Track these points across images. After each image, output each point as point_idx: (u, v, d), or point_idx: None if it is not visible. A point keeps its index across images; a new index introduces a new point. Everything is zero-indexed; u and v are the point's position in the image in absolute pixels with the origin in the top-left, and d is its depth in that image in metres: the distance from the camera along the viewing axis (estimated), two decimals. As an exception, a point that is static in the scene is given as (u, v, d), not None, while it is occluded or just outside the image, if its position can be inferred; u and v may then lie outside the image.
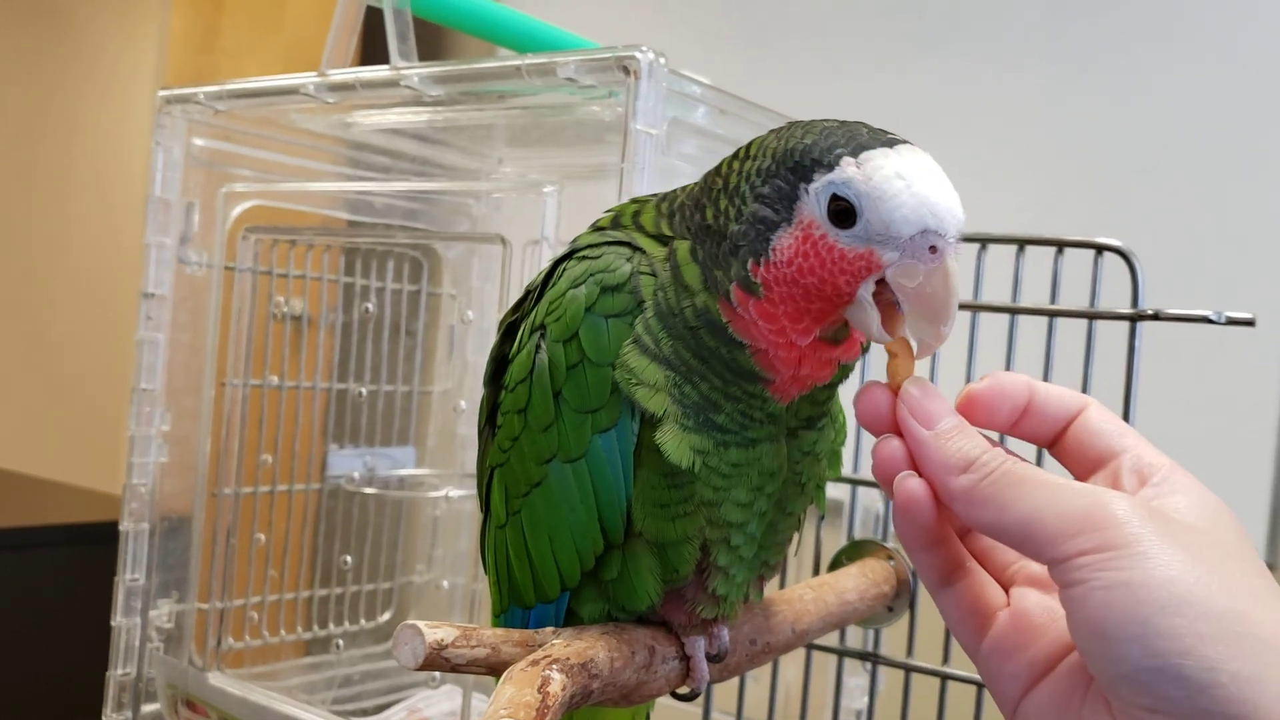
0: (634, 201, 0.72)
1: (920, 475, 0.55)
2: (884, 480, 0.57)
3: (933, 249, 0.57)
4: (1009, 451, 0.55)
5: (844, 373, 0.68)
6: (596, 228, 0.73)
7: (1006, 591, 0.59)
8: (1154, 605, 0.45)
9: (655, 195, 0.72)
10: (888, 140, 0.60)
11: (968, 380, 1.03)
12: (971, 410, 0.57)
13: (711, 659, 0.76)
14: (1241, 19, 2.00)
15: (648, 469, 0.66)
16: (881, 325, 0.60)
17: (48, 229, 4.00)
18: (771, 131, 0.65)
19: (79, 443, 3.71)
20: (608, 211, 0.73)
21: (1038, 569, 0.58)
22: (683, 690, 0.75)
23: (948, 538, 0.58)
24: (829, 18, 2.42)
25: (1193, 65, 2.03)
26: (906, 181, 0.58)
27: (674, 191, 0.70)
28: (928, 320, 0.58)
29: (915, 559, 0.58)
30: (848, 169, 0.58)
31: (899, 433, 0.57)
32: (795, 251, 0.60)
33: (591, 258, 0.67)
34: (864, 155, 0.59)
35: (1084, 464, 0.57)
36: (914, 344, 0.60)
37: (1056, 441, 0.58)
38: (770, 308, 0.61)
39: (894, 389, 0.58)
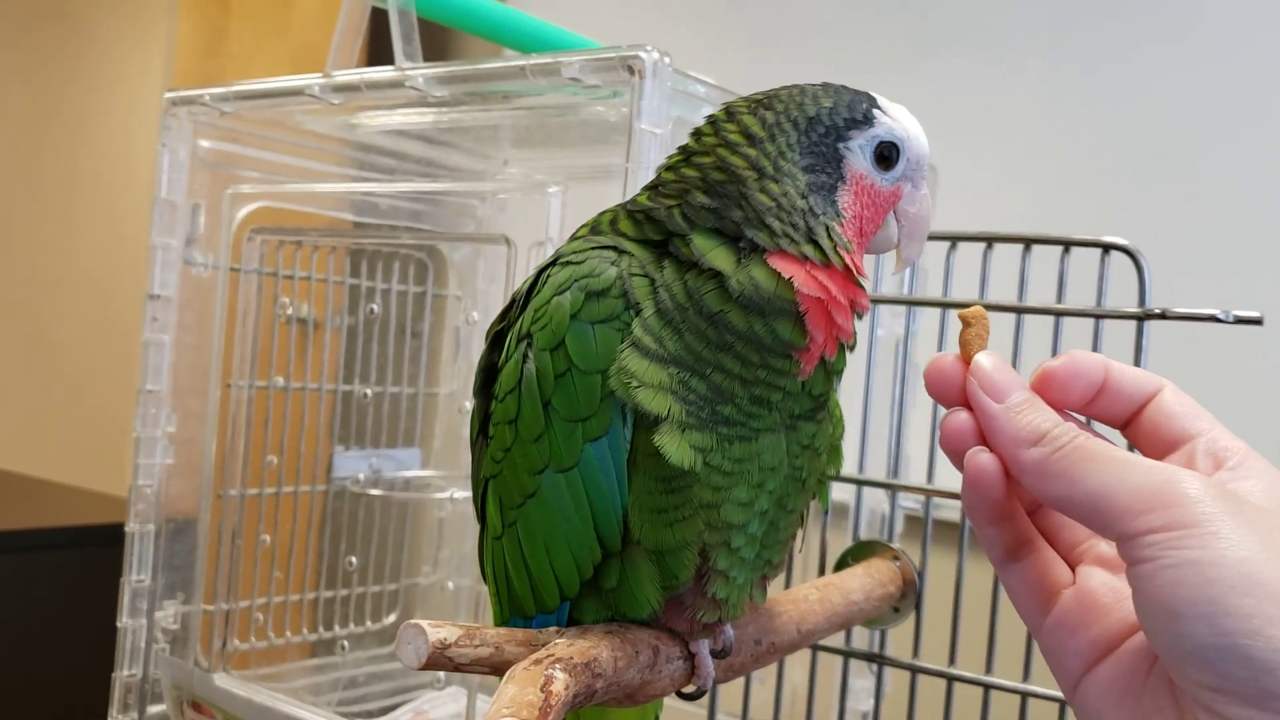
0: (606, 212, 0.73)
1: (989, 449, 0.55)
2: (952, 454, 0.57)
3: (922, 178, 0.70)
4: (1082, 426, 0.54)
5: (851, 347, 0.70)
6: (574, 238, 0.73)
7: (1073, 570, 0.58)
8: (1224, 585, 0.45)
9: (618, 205, 0.72)
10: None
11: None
12: (1046, 388, 0.56)
13: (716, 654, 0.76)
14: (1249, 18, 1.99)
15: (643, 475, 0.66)
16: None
17: (53, 232, 4.01)
18: (747, 114, 0.68)
19: (83, 445, 3.72)
20: (583, 225, 0.73)
21: (1106, 549, 0.58)
22: (688, 689, 0.75)
23: (1015, 513, 0.58)
24: (832, 18, 2.42)
25: (1199, 64, 2.03)
26: (915, 121, 0.69)
27: (635, 199, 0.71)
28: (918, 238, 0.72)
29: (982, 533, 0.58)
30: (884, 120, 0.68)
31: (968, 405, 0.56)
32: (860, 204, 0.68)
33: (576, 263, 0.67)
34: (883, 105, 0.68)
35: (1158, 446, 0.56)
36: (900, 259, 0.72)
37: (1130, 423, 0.57)
38: (857, 259, 0.67)
39: (965, 360, 0.57)
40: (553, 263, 0.70)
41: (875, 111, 0.68)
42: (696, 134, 0.70)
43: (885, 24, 2.35)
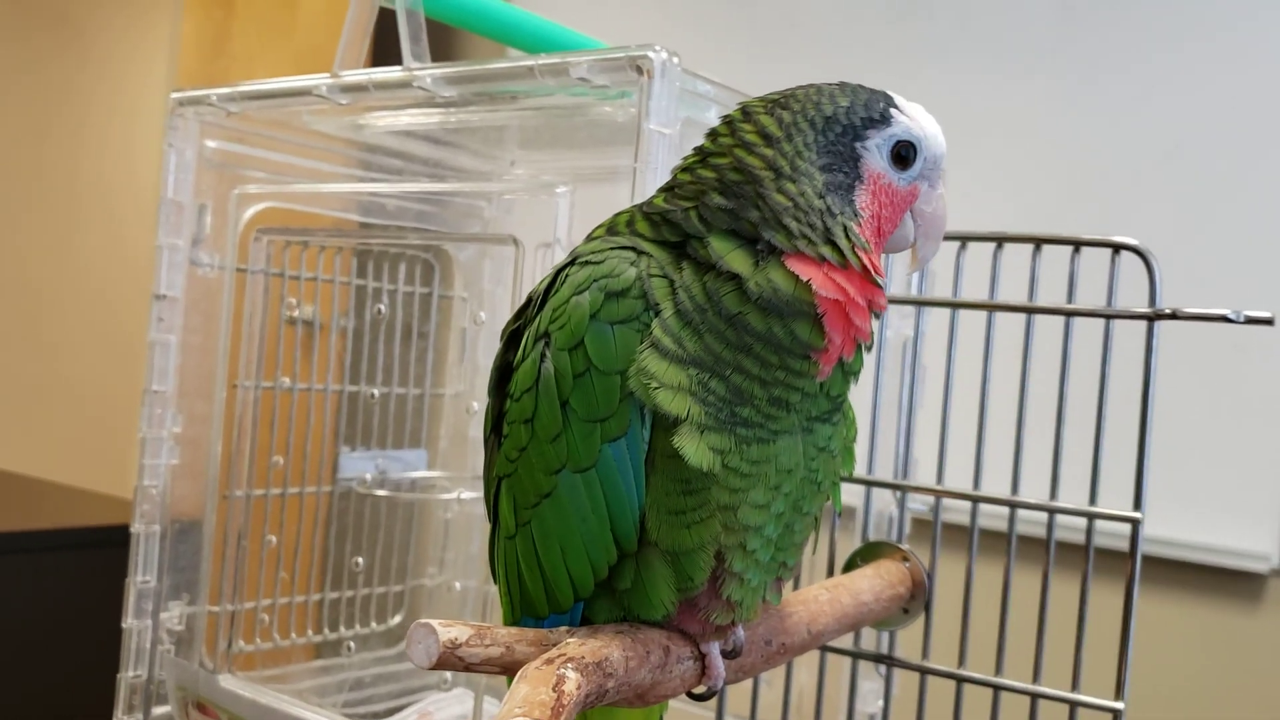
0: (622, 213, 0.73)
1: None
2: None
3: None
4: None
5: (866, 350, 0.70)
6: (591, 238, 0.72)
7: None
8: None
9: (634, 207, 0.72)
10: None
11: (984, 378, 1.02)
12: None
13: (727, 655, 0.75)
14: (1256, 21, 1.99)
15: (662, 476, 0.66)
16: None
17: (57, 233, 4.01)
18: (763, 113, 0.68)
19: (89, 446, 3.72)
20: (599, 226, 0.74)
21: None
22: (698, 690, 0.75)
23: None
24: (837, 20, 2.42)
25: (1207, 66, 2.02)
26: (933, 120, 0.69)
27: (650, 201, 0.71)
28: (934, 238, 0.72)
29: None
30: (901, 119, 0.68)
31: None
32: (877, 204, 0.68)
33: (595, 263, 0.67)
34: (900, 104, 0.68)
35: None
36: (916, 258, 0.73)
37: None
38: (874, 258, 0.67)
39: None
40: (571, 262, 0.69)
41: (892, 111, 0.68)
42: (712, 134, 0.70)
43: (891, 26, 2.35)
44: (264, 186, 1.36)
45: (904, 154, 0.68)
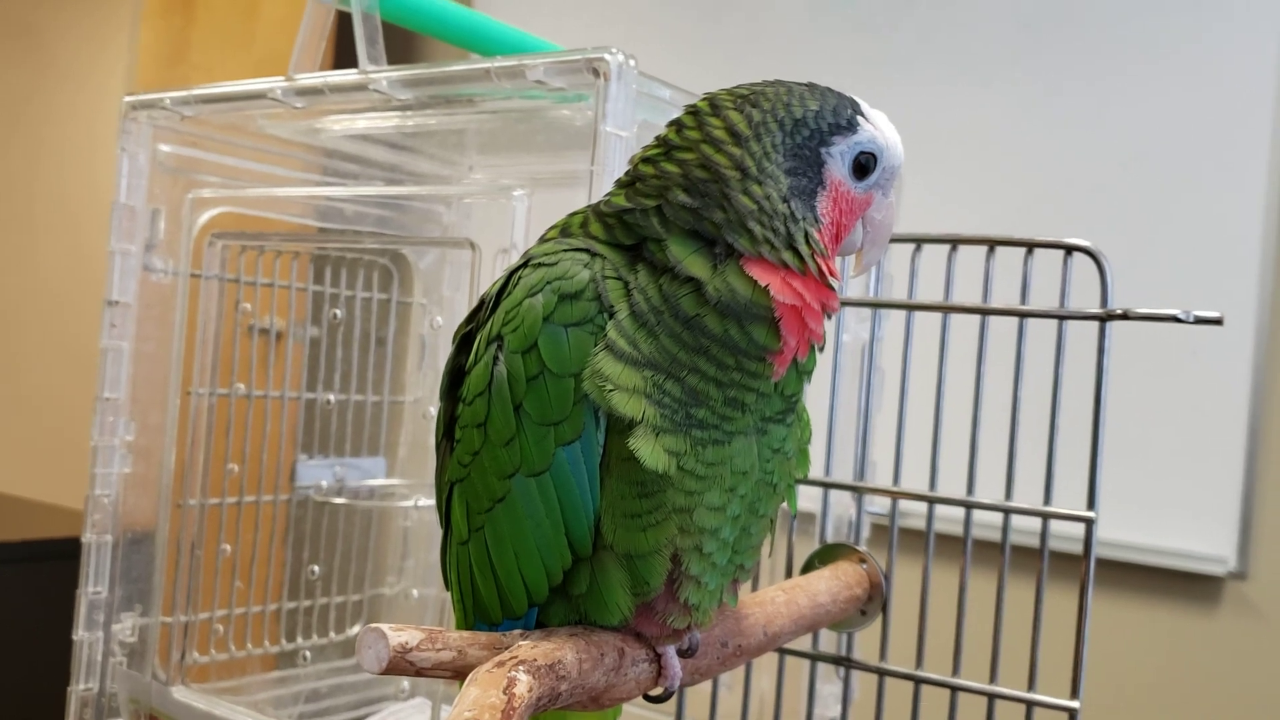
0: (576, 214, 0.72)
1: None
2: None
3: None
4: None
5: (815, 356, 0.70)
6: (544, 240, 0.72)
7: None
8: None
9: (587, 207, 0.72)
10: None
11: (940, 380, 1.03)
12: None
13: (682, 654, 0.75)
14: (1202, 35, 2.02)
15: (617, 479, 0.66)
16: None
17: (13, 241, 3.95)
18: (732, 109, 0.67)
19: (41, 457, 3.66)
20: (552, 227, 0.73)
21: None
22: (655, 691, 0.74)
23: None
24: (803, 31, 2.44)
25: (1160, 79, 2.05)
26: (894, 129, 0.69)
27: (599, 203, 0.70)
28: (880, 244, 0.73)
29: None
30: (867, 127, 0.68)
31: None
32: (837, 210, 0.69)
33: (548, 264, 0.67)
34: (866, 111, 0.68)
35: None
36: (861, 263, 0.74)
37: None
38: (830, 263, 0.68)
39: None
40: (524, 264, 0.69)
41: (859, 118, 0.68)
42: (677, 126, 0.69)
43: (855, 37, 2.37)
44: (219, 191, 1.35)
45: (865, 163, 0.69)
